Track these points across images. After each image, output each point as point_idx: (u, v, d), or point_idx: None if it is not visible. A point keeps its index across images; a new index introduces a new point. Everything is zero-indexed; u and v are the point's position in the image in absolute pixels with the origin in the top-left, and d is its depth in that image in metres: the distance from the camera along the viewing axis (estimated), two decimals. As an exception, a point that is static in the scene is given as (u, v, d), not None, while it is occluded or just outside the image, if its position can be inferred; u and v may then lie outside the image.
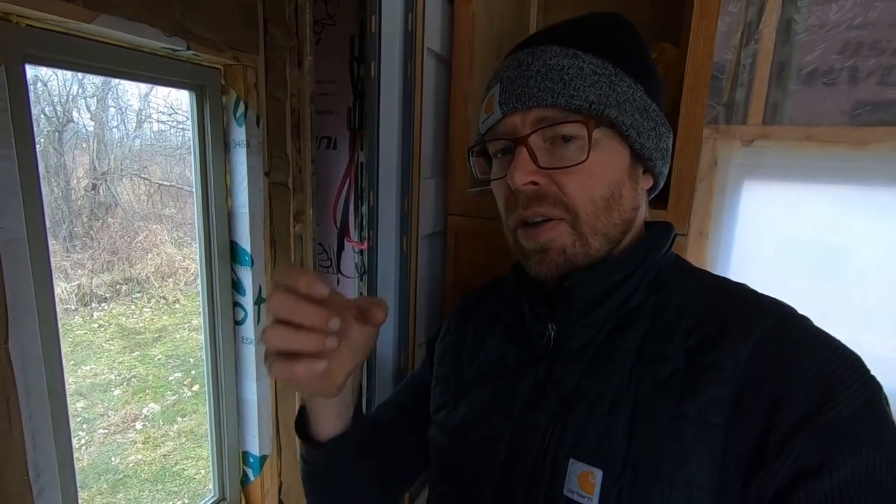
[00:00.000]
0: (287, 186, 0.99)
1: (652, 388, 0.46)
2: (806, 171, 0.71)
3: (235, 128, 0.90)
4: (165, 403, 3.41)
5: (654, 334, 0.48)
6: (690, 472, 0.42)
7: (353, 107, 0.97)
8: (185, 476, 2.89)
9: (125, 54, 0.72)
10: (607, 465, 0.45)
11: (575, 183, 0.48)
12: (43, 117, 4.51)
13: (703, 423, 0.43)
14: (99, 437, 3.06)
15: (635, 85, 0.49)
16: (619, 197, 0.50)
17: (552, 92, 0.47)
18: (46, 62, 0.65)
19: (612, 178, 0.49)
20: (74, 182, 4.98)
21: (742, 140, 0.72)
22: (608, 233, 0.50)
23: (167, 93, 5.41)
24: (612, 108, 0.47)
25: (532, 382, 0.52)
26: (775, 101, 0.71)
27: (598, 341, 0.50)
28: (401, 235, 0.82)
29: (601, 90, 0.47)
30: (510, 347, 0.56)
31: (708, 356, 0.45)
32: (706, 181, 0.73)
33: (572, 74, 0.47)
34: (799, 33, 0.69)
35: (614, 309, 0.50)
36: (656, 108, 0.51)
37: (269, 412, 1.03)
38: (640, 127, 0.49)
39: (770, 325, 0.45)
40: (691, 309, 0.49)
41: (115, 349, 3.85)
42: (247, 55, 0.87)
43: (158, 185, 5.49)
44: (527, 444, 0.50)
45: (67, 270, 4.37)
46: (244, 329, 0.98)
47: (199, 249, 0.93)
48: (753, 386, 0.42)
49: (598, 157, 0.48)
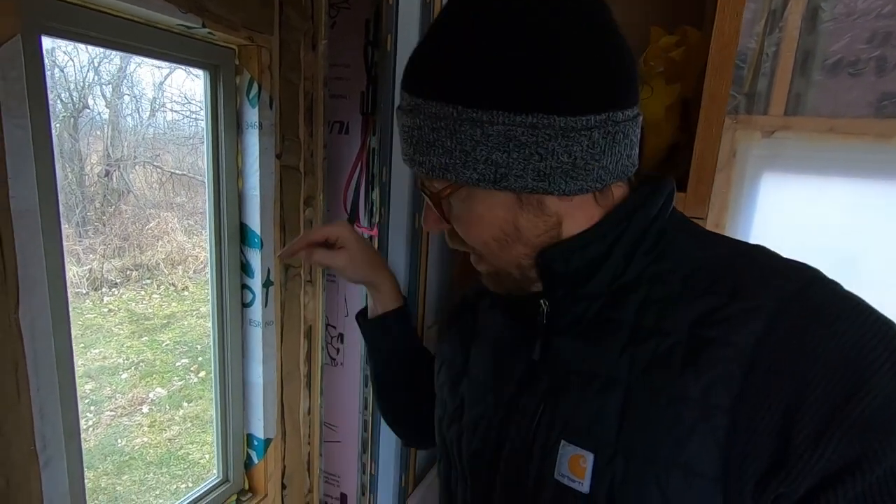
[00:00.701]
0: (298, 170, 0.99)
1: (649, 365, 0.42)
2: (828, 163, 0.69)
3: (248, 109, 0.90)
4: (172, 388, 3.45)
5: (653, 306, 0.44)
6: (690, 457, 0.39)
7: (367, 91, 0.97)
8: (190, 460, 2.92)
9: (140, 30, 0.72)
10: (599, 447, 0.42)
11: (463, 231, 0.47)
12: (59, 103, 4.56)
13: (705, 405, 0.39)
14: (106, 418, 3.10)
15: (489, 113, 0.39)
16: (517, 232, 0.45)
17: (408, 155, 0.45)
18: (62, 34, 0.65)
19: (495, 222, 0.45)
20: (88, 168, 5.04)
21: (763, 131, 0.70)
22: (520, 262, 0.47)
23: (181, 82, 5.45)
24: (459, 169, 0.41)
25: (525, 360, 0.50)
26: (798, 91, 0.69)
27: (590, 315, 0.46)
28: (413, 212, 0.82)
29: (444, 146, 0.41)
30: (508, 324, 0.55)
31: (714, 330, 0.40)
32: (724, 172, 0.72)
33: (416, 137, 0.43)
34: (825, 21, 0.67)
35: (608, 280, 0.45)
36: (534, 123, 0.39)
37: (275, 395, 1.03)
38: (509, 166, 0.40)
39: (788, 292, 0.39)
40: (698, 276, 0.43)
41: (124, 334, 3.89)
42: (261, 36, 0.86)
43: (170, 174, 5.54)
44: (517, 424, 0.48)
45: (79, 255, 4.42)
46: (252, 311, 0.98)
47: (209, 231, 0.93)
48: (767, 366, 0.37)
49: (469, 211, 0.45)
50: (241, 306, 0.98)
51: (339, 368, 1.10)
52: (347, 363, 1.09)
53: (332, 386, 1.12)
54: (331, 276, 1.08)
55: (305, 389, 1.10)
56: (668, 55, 0.70)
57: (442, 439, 0.58)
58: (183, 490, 2.71)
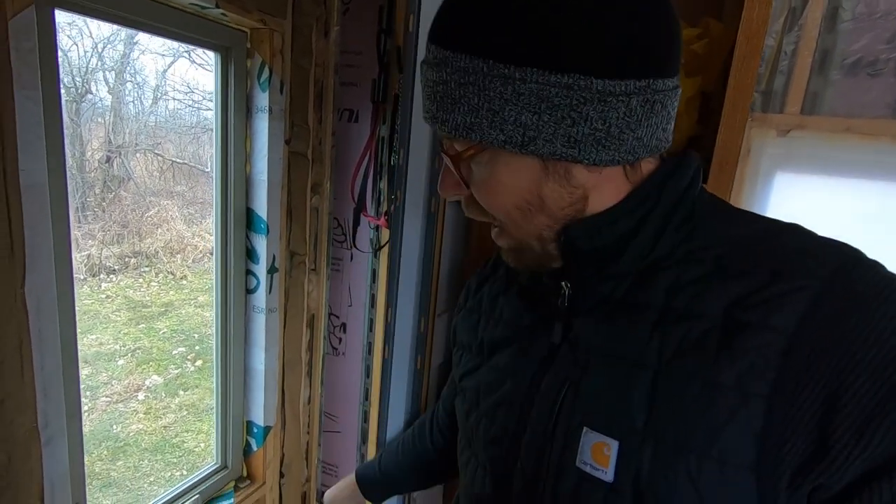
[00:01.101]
0: (306, 157, 0.98)
1: (680, 349, 0.40)
2: (844, 164, 0.69)
3: (259, 93, 0.89)
4: (168, 376, 3.44)
5: (685, 287, 0.41)
6: (724, 447, 0.37)
7: (378, 79, 0.96)
8: (185, 448, 2.92)
9: (153, 7, 0.71)
10: (624, 435, 0.40)
11: (482, 198, 0.44)
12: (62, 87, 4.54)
13: (741, 392, 0.37)
14: (102, 404, 3.09)
15: (522, 70, 0.37)
16: (540, 201, 0.42)
17: (432, 113, 0.42)
18: (75, 8, 0.64)
19: (517, 190, 0.42)
20: (89, 154, 5.02)
21: (778, 129, 0.70)
22: (541, 233, 0.44)
23: (184, 70, 5.43)
24: (485, 128, 0.39)
25: (546, 344, 0.48)
26: (815, 90, 0.69)
27: (617, 296, 0.44)
28: (429, 195, 0.81)
29: (470, 103, 0.39)
30: (525, 307, 0.53)
31: (750, 313, 0.38)
32: (738, 169, 0.71)
33: (441, 92, 0.40)
34: (845, 21, 0.67)
35: (636, 259, 0.43)
36: (572, 83, 0.37)
37: (276, 383, 1.02)
38: (538, 128, 0.38)
39: (829, 275, 0.37)
40: (732, 256, 0.41)
41: (122, 320, 3.88)
42: (274, 19, 0.85)
43: (171, 162, 5.52)
44: (538, 410, 0.46)
45: (78, 240, 4.41)
46: (255, 297, 0.97)
47: (216, 214, 0.93)
48: (809, 350, 0.36)
49: (490, 176, 0.42)
50: (244, 292, 0.98)
51: (341, 358, 1.10)
52: (349, 353, 1.09)
53: (334, 376, 1.12)
54: (336, 266, 1.07)
55: (307, 378, 1.10)
56: (690, 47, 0.70)
57: (463, 428, 0.57)
58: (178, 477, 2.71)
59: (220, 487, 1.00)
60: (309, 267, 1.04)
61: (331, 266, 1.07)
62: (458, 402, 0.58)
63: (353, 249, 1.05)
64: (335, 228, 1.07)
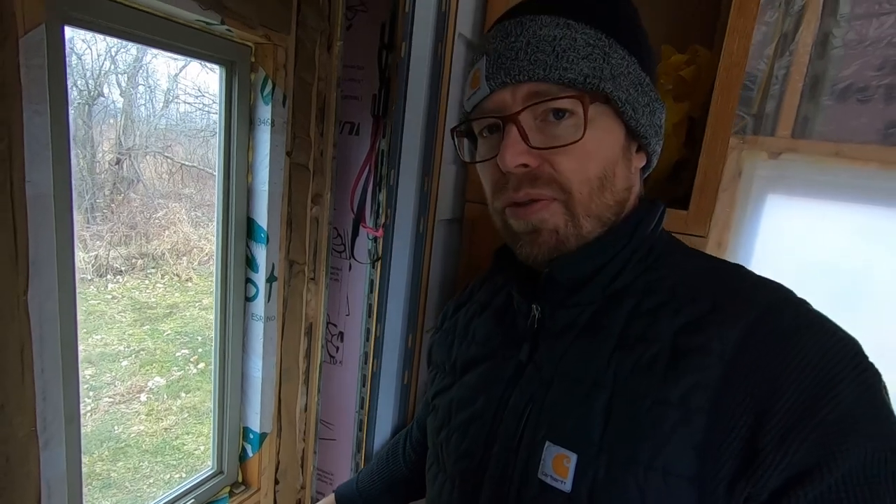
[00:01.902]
0: (307, 168, 1.00)
1: (633, 371, 0.44)
2: (832, 188, 0.70)
3: (262, 105, 0.91)
4: (171, 378, 3.46)
5: (641, 315, 0.46)
6: (668, 459, 0.41)
7: (379, 94, 0.98)
8: (185, 451, 2.93)
9: (161, 24, 0.74)
10: (582, 448, 0.44)
11: (569, 162, 0.45)
12: (75, 90, 4.61)
13: (684, 408, 0.41)
14: (104, 405, 3.11)
15: (629, 57, 0.46)
16: (613, 177, 0.47)
17: (544, 65, 0.44)
18: (85, 25, 0.66)
19: (606, 157, 0.47)
20: (100, 155, 5.09)
21: (769, 152, 0.71)
22: (601, 214, 0.48)
23: (195, 75, 5.50)
24: (608, 81, 0.45)
25: (515, 364, 0.51)
26: (806, 114, 0.70)
27: (581, 322, 0.48)
28: (418, 216, 0.83)
29: (595, 62, 0.44)
30: (497, 328, 0.56)
31: (694, 339, 0.43)
32: (729, 191, 0.72)
33: (564, 45, 0.44)
34: (836, 47, 0.68)
35: (600, 289, 0.48)
36: (650, 83, 0.48)
37: (273, 390, 1.04)
38: (636, 102, 0.46)
39: (763, 307, 0.42)
40: (681, 289, 0.46)
41: (127, 321, 3.92)
42: (278, 34, 0.88)
43: (180, 165, 5.58)
44: (505, 425, 0.49)
45: (87, 241, 4.46)
46: (254, 305, 0.99)
47: (217, 223, 0.94)
48: (742, 373, 0.40)
49: (594, 135, 0.45)
50: (244, 299, 0.99)
51: (338, 367, 1.11)
52: (346, 362, 1.10)
53: (330, 384, 1.13)
54: (334, 275, 1.09)
55: (303, 386, 1.11)
56: (678, 73, 0.71)
57: (433, 444, 0.59)
58: (177, 479, 2.72)
59: (215, 492, 1.02)
60: (308, 276, 1.06)
61: (329, 275, 1.09)
62: (429, 420, 0.60)
63: (351, 260, 1.06)
64: (335, 238, 1.08)
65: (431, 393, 0.62)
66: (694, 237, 0.62)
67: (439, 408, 0.58)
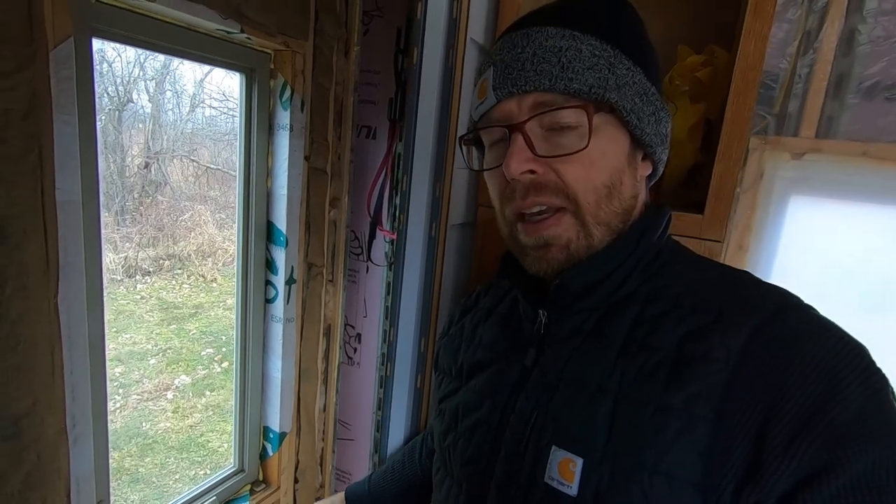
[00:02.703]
0: (325, 172, 1.01)
1: (637, 377, 0.44)
2: (859, 189, 0.68)
3: (280, 111, 0.93)
4: (196, 377, 3.55)
5: (645, 322, 0.47)
6: (671, 465, 0.41)
7: (395, 97, 0.99)
8: (209, 448, 3.00)
9: (183, 34, 0.76)
10: (588, 453, 0.44)
11: (574, 171, 0.46)
12: (106, 96, 4.77)
13: (688, 415, 0.41)
14: (133, 402, 3.21)
15: (634, 68, 0.47)
16: (620, 185, 0.48)
17: (550, 75, 0.45)
18: (111, 37, 0.68)
19: (612, 165, 0.47)
20: (129, 159, 5.25)
21: (792, 153, 0.69)
22: (610, 222, 0.48)
23: (220, 80, 5.63)
24: (612, 91, 0.46)
25: (520, 368, 0.52)
26: (831, 114, 0.68)
27: (587, 328, 0.49)
28: (431, 221, 0.83)
29: (600, 73, 0.45)
30: (503, 333, 0.57)
31: (698, 346, 0.43)
32: (750, 192, 0.71)
33: (570, 56, 0.45)
34: (862, 44, 0.66)
35: (606, 296, 0.49)
36: (655, 92, 0.49)
37: (293, 390, 1.05)
38: (640, 112, 0.47)
39: (767, 314, 0.42)
40: (686, 297, 0.47)
41: (154, 321, 4.03)
42: (296, 41, 0.89)
43: (206, 168, 5.72)
44: (511, 429, 0.50)
45: (117, 243, 4.60)
46: (274, 307, 1.01)
47: (238, 227, 0.97)
48: (747, 380, 0.40)
49: (598, 143, 0.46)
50: (264, 301, 1.01)
51: (356, 368, 1.12)
52: (364, 363, 1.11)
53: (348, 385, 1.14)
54: (352, 277, 1.10)
55: (322, 386, 1.13)
56: (694, 74, 0.70)
57: (440, 448, 0.59)
58: (201, 476, 2.79)
59: (236, 490, 1.04)
60: (326, 278, 1.07)
61: (347, 277, 1.10)
62: (436, 424, 0.60)
63: (368, 262, 1.07)
64: (352, 241, 1.09)
65: (438, 397, 0.63)
66: (710, 242, 0.61)
67: (446, 412, 0.59)
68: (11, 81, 0.55)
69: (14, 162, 0.56)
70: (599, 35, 0.46)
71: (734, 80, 0.60)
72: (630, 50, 0.47)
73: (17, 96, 0.55)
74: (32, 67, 0.56)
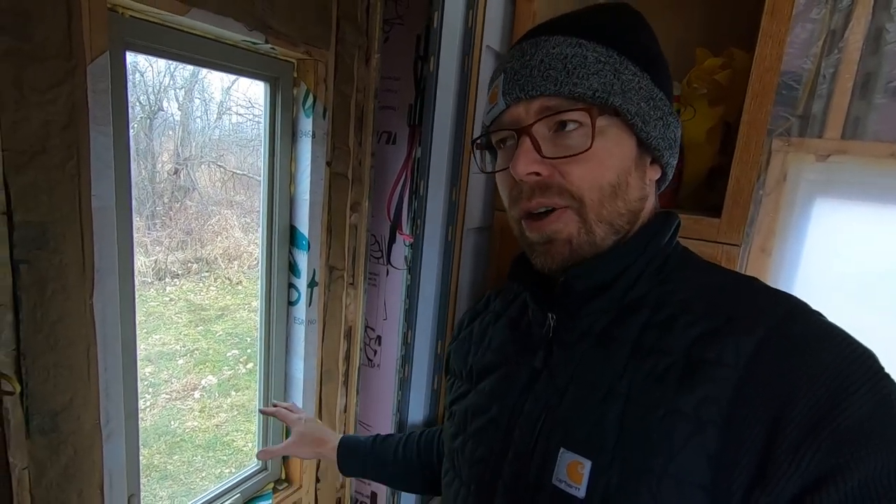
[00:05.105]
0: (346, 177, 1.03)
1: (647, 381, 0.45)
2: (888, 191, 0.66)
3: (303, 118, 0.95)
4: (222, 377, 3.63)
5: (655, 326, 0.47)
6: (681, 468, 0.41)
7: (415, 103, 1.00)
8: (234, 447, 3.06)
9: (211, 45, 0.79)
10: (596, 455, 0.44)
11: (579, 171, 0.47)
12: (138, 105, 4.93)
13: (697, 419, 0.41)
14: (162, 401, 3.30)
15: (641, 73, 0.48)
16: (626, 185, 0.49)
17: (555, 80, 0.47)
18: (144, 50, 0.72)
19: (618, 165, 0.48)
20: (160, 166, 5.41)
21: (817, 154, 0.67)
22: (613, 221, 0.49)
23: (246, 88, 5.76)
24: (617, 96, 0.47)
25: (529, 370, 0.52)
26: (857, 114, 0.66)
27: (596, 331, 0.50)
28: (447, 226, 0.84)
29: (605, 78, 0.47)
30: (513, 336, 0.57)
31: (708, 351, 0.43)
32: (773, 195, 0.69)
33: (576, 63, 0.47)
34: (891, 43, 0.64)
35: (615, 299, 0.49)
36: (664, 98, 0.50)
37: (314, 391, 1.07)
38: (647, 116, 0.48)
39: (776, 319, 0.42)
40: (696, 302, 0.47)
41: (183, 322, 4.14)
42: (319, 50, 0.91)
43: (232, 174, 5.86)
44: (520, 430, 0.50)
45: (147, 246, 4.75)
46: (297, 309, 1.03)
47: (262, 231, 0.99)
48: (756, 385, 0.40)
49: (603, 145, 0.47)
50: (287, 304, 1.04)
51: (376, 370, 1.14)
52: (384, 365, 1.13)
53: (368, 386, 1.16)
54: (372, 280, 1.12)
55: (343, 388, 1.15)
56: (713, 77, 0.69)
57: (449, 450, 0.60)
58: (227, 474, 2.85)
59: (259, 488, 1.06)
60: (347, 281, 1.09)
61: (368, 280, 1.12)
62: (446, 426, 0.61)
63: (388, 266, 1.09)
64: (372, 245, 1.11)
65: (448, 400, 0.63)
66: (727, 245, 0.60)
67: (456, 414, 0.60)
68: (52, 94, 0.58)
69: (55, 171, 0.59)
70: (605, 42, 0.48)
71: (751, 82, 0.59)
72: (637, 57, 0.48)
73: (57, 108, 0.59)
74: (72, 81, 0.59)
